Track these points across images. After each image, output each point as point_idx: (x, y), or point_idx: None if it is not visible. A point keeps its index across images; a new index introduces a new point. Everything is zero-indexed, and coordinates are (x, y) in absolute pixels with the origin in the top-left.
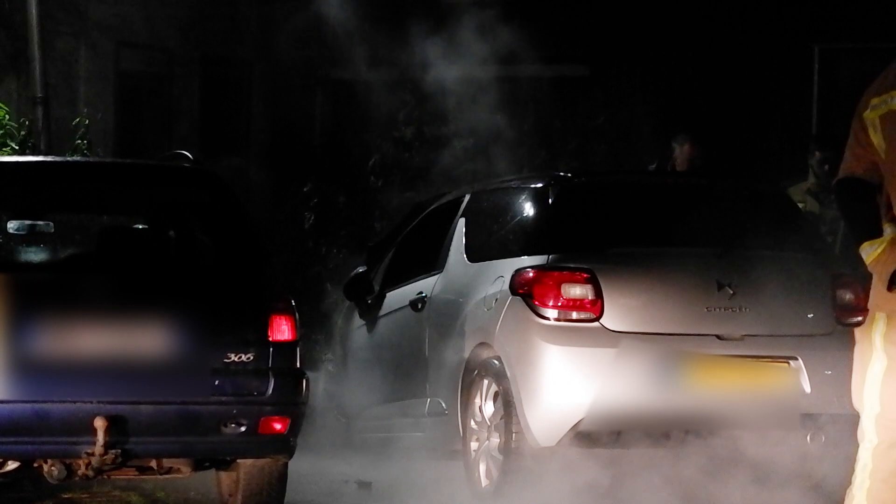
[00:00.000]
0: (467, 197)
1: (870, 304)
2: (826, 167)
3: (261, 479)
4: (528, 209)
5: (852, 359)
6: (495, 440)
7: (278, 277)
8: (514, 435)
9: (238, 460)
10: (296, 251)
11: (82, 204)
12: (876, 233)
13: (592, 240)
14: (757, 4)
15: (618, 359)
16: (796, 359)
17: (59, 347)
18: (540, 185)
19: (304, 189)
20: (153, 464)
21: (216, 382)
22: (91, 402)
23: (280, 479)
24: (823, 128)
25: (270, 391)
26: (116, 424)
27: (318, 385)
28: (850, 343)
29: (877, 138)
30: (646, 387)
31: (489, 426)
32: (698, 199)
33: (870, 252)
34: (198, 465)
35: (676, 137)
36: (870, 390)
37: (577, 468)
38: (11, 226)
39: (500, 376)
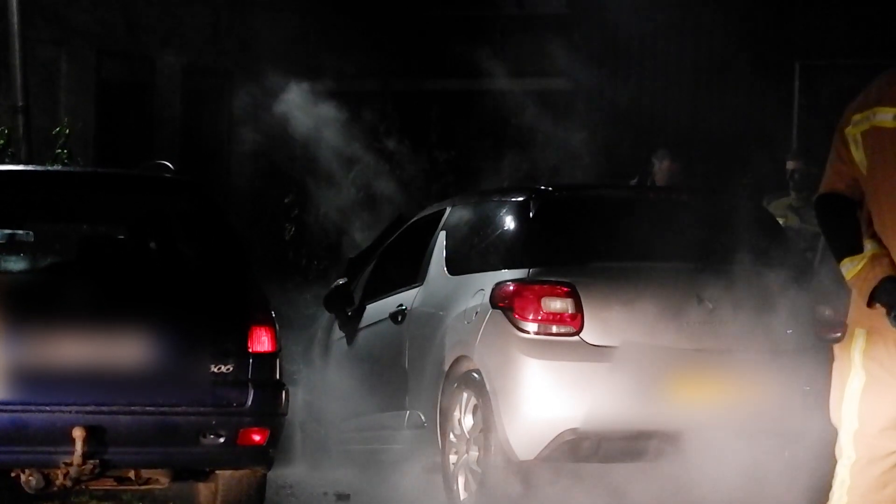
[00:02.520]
0: (448, 210)
1: (849, 320)
2: (796, 177)
3: (239, 491)
4: (509, 223)
5: (830, 374)
6: (474, 453)
7: (259, 288)
8: (493, 448)
9: (217, 471)
10: (276, 262)
11: (62, 213)
12: (856, 249)
13: (573, 254)
14: (739, 21)
15: (598, 373)
16: (775, 374)
17: (38, 357)
18: (521, 198)
19: (285, 200)
20: (131, 474)
21: (195, 393)
22: (70, 412)
23: (258, 491)
24: (804, 143)
25: (250, 402)
26: (95, 434)
27: (298, 397)
28: (829, 359)
29: (858, 154)
30: (626, 401)
31: (468, 439)
32: (679, 214)
33: (850, 268)
34: (176, 476)
35: (656, 153)
36: (848, 406)
37: (556, 482)
38: None
39: (479, 389)
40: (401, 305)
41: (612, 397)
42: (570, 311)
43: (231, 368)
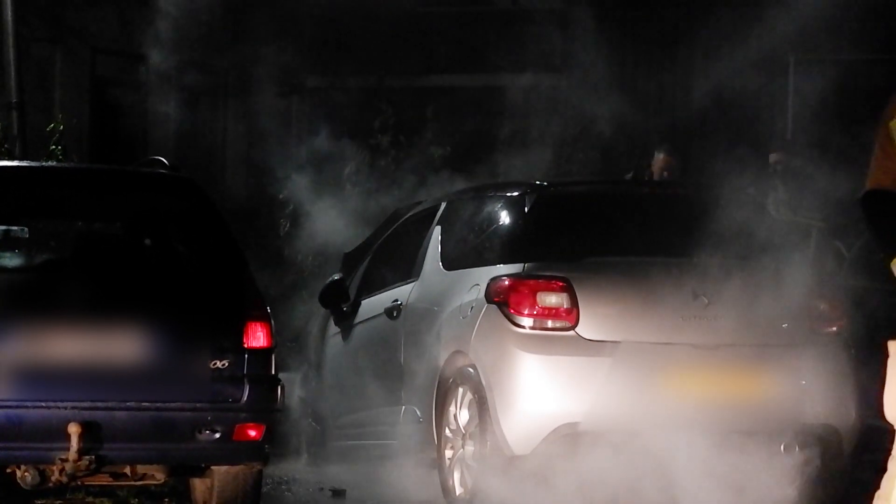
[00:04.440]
0: (443, 205)
1: None
2: (779, 168)
3: (235, 486)
4: (504, 217)
5: (825, 368)
6: (470, 448)
7: (254, 284)
8: (488, 443)
9: (212, 467)
10: (271, 258)
11: (57, 210)
12: None
13: (568, 249)
14: (733, 16)
15: (593, 368)
16: (770, 368)
17: (33, 353)
18: (516, 193)
19: (280, 196)
20: (127, 470)
21: (191, 389)
22: (65, 408)
23: (254, 487)
24: (799, 138)
25: (245, 398)
26: (91, 430)
27: (293, 392)
28: (822, 352)
29: None
30: (621, 395)
31: (464, 434)
32: (674, 208)
33: None
34: (172, 472)
35: (661, 146)
36: None
37: (551, 476)
38: None
39: (475, 384)
40: (396, 301)
41: (608, 392)
42: (565, 306)
43: (227, 364)
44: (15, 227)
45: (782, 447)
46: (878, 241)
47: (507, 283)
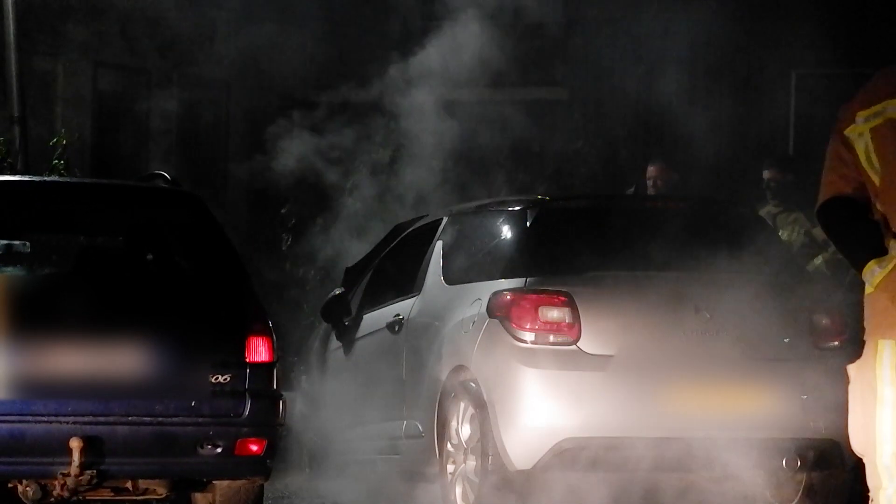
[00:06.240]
0: (445, 220)
1: (871, 333)
2: (772, 185)
3: (237, 501)
4: (506, 232)
5: (827, 382)
6: (472, 463)
7: (256, 298)
8: (490, 458)
9: (214, 482)
10: (273, 273)
11: (59, 224)
12: (880, 251)
13: (570, 263)
14: (736, 30)
15: (595, 382)
16: (772, 383)
17: (36, 367)
18: (517, 208)
19: (282, 210)
20: (129, 485)
21: (193, 403)
22: (67, 423)
23: (256, 501)
24: (800, 152)
25: (247, 412)
26: (92, 445)
27: (295, 407)
28: (824, 367)
29: (864, 153)
30: (623, 410)
31: (466, 449)
32: (675, 223)
33: (878, 272)
34: (174, 486)
35: (654, 157)
36: (883, 429)
37: (553, 491)
38: None
39: (477, 399)
40: (398, 315)
41: (610, 406)
42: (567, 321)
43: (228, 378)
44: (17, 242)
45: (784, 462)
46: (847, 248)
47: (508, 297)
